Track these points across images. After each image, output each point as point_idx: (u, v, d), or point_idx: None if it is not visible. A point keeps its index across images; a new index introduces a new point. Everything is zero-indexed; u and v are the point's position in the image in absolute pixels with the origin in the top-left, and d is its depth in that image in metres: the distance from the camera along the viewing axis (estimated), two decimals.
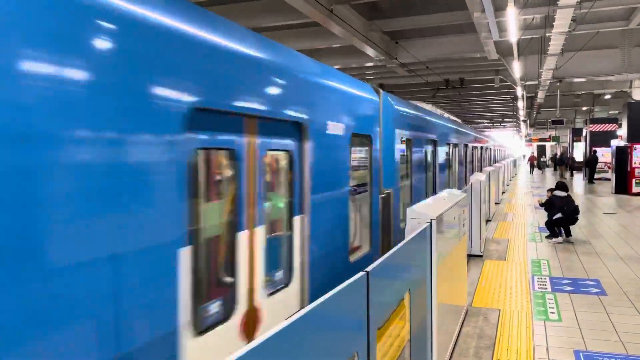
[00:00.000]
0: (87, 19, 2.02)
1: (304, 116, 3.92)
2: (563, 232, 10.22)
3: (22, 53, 1.76)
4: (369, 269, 2.25)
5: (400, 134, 7.05)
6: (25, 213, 1.76)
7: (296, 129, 3.94)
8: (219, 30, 2.99)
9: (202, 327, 2.86)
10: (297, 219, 3.96)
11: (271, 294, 3.57)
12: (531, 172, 39.32)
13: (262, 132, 3.46)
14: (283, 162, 3.90)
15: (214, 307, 3.05)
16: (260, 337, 1.40)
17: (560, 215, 10.07)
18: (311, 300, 3.05)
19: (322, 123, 4.25)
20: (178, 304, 2.53)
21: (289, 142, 3.86)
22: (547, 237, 10.27)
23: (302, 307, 2.96)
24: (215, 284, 3.09)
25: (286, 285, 3.80)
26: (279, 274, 3.78)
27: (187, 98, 2.55)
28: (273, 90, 3.50)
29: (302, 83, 4.00)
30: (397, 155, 6.85)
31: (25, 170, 1.76)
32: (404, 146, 7.41)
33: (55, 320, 1.87)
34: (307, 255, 3.98)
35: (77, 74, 1.96)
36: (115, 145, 2.13)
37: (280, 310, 3.66)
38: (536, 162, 44.52)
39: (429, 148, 9.47)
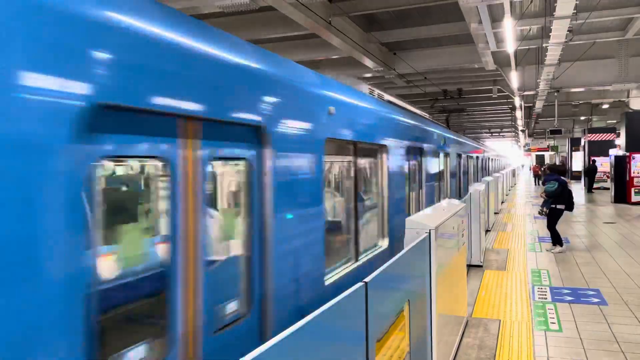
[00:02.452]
0: None
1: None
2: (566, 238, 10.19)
3: None
4: (367, 279, 2.23)
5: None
6: None
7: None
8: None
9: None
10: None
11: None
12: (536, 184, 35.76)
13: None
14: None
15: None
16: (255, 351, 1.38)
17: (563, 207, 9.94)
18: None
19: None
20: None
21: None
22: (553, 245, 10.10)
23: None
24: None
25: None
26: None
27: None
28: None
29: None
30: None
31: None
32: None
33: None
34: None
35: None
36: None
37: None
38: (541, 173, 39.82)
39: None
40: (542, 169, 32.50)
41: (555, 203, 9.94)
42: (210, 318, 2.69)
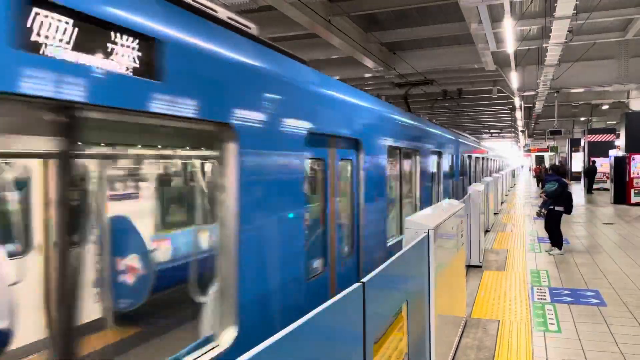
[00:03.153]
0: None
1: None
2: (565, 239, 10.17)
3: None
4: (364, 279, 2.22)
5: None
6: None
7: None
8: None
9: None
10: None
11: None
12: (538, 186, 32.84)
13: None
14: None
15: None
16: (252, 350, 1.37)
17: (561, 209, 9.89)
18: None
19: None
20: None
21: None
22: (552, 246, 10.06)
23: None
24: None
25: None
26: None
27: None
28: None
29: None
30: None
31: None
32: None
33: None
34: None
35: None
36: None
37: None
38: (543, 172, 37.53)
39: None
40: (546, 169, 32.03)
41: (554, 204, 9.88)
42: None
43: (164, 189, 3.92)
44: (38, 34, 1.78)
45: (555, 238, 9.97)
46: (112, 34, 2.10)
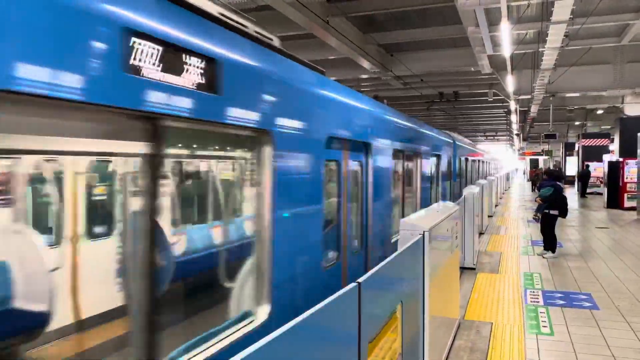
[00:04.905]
0: None
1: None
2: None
3: None
4: (360, 280, 2.23)
5: None
6: None
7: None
8: None
9: None
10: None
11: None
12: (533, 190, 32.03)
13: None
14: None
15: None
16: (247, 350, 1.37)
17: (556, 212, 9.95)
18: None
19: None
20: None
21: None
22: (545, 249, 10.11)
23: None
24: None
25: None
26: None
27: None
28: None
29: None
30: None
31: None
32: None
33: None
34: None
35: None
36: None
37: None
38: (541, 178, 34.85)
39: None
40: (540, 173, 31.91)
41: (549, 208, 9.95)
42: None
43: (221, 185, 4.98)
44: (138, 60, 2.23)
45: (550, 241, 10.02)
46: (187, 56, 2.57)
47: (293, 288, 3.81)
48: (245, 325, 3.18)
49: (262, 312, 3.34)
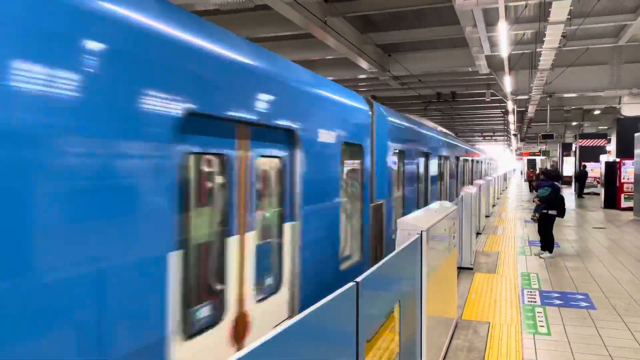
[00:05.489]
0: None
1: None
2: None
3: None
4: (358, 279, 2.23)
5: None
6: None
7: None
8: None
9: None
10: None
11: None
12: (531, 191, 31.06)
13: None
14: None
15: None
16: (244, 350, 1.37)
17: (555, 212, 9.97)
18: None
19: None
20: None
21: None
22: (542, 249, 10.12)
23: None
24: None
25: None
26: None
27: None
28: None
29: None
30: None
31: None
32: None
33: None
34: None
35: None
36: None
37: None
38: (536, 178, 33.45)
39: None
40: (537, 174, 31.76)
41: (548, 208, 9.98)
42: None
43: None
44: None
45: (547, 241, 10.04)
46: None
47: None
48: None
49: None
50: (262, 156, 3.56)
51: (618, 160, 20.78)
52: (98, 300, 2.09)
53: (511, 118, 27.38)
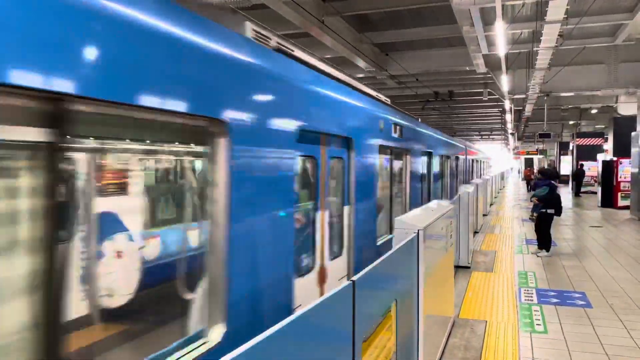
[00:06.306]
0: None
1: None
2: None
3: None
4: (354, 278, 2.23)
5: None
6: None
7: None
8: None
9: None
10: None
11: None
12: (529, 190, 31.01)
13: None
14: None
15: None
16: (239, 349, 1.37)
17: (553, 211, 10.01)
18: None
19: None
20: None
21: None
22: (539, 248, 10.14)
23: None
24: None
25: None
26: None
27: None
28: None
29: None
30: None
31: None
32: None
33: None
34: None
35: None
36: None
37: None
38: (534, 178, 32.99)
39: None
40: (534, 174, 31.58)
41: (546, 207, 10.02)
42: None
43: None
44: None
45: (545, 240, 10.07)
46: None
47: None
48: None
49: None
50: (332, 157, 4.99)
51: (615, 159, 20.83)
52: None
53: (508, 117, 27.41)
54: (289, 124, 3.82)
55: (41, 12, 1.79)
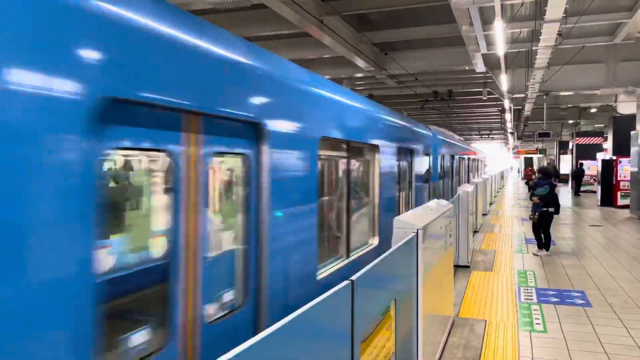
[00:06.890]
0: None
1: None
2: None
3: None
4: (354, 277, 2.22)
5: None
6: None
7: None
8: None
9: None
10: None
11: None
12: (529, 190, 27.12)
13: None
14: None
15: None
16: (237, 348, 1.37)
17: (553, 210, 10.03)
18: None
19: None
20: None
21: None
22: (539, 248, 10.14)
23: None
24: None
25: None
26: None
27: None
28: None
29: None
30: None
31: None
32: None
33: None
34: None
35: None
36: None
37: None
38: (535, 178, 31.65)
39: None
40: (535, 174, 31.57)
41: (547, 206, 10.02)
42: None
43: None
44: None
45: (545, 239, 10.08)
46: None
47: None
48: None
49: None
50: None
51: (614, 158, 20.84)
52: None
53: (508, 116, 27.42)
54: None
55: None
